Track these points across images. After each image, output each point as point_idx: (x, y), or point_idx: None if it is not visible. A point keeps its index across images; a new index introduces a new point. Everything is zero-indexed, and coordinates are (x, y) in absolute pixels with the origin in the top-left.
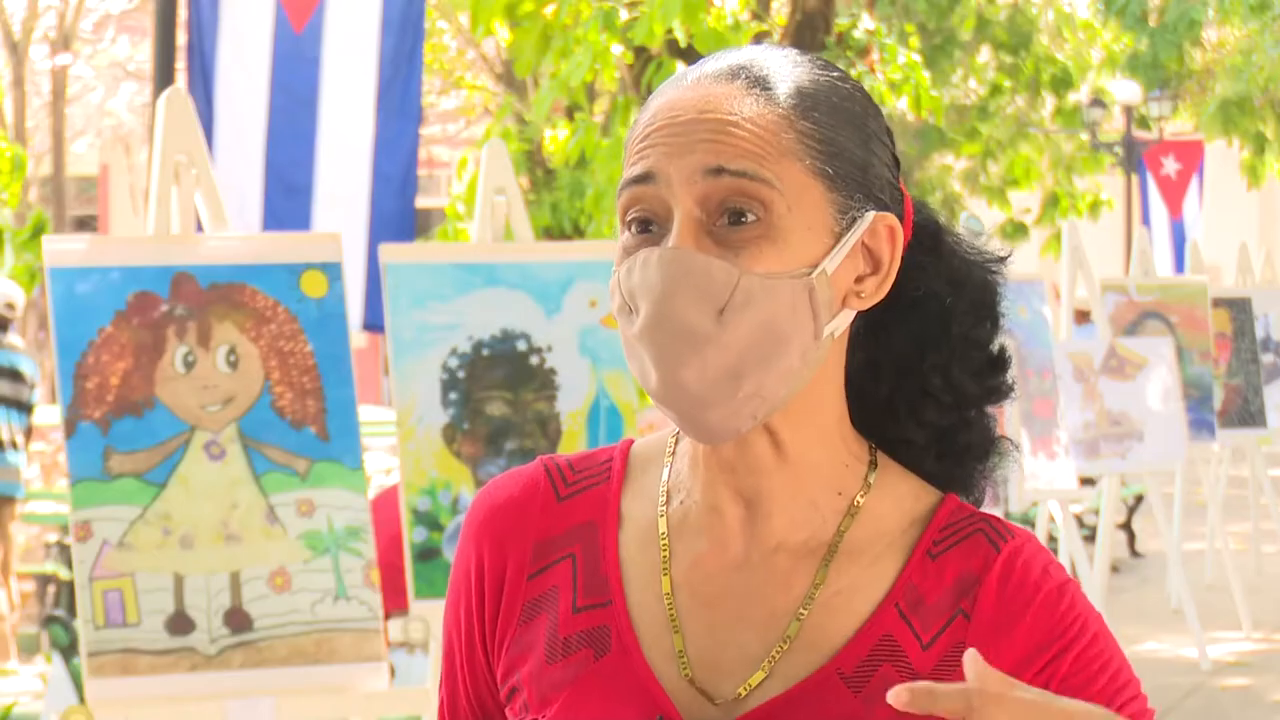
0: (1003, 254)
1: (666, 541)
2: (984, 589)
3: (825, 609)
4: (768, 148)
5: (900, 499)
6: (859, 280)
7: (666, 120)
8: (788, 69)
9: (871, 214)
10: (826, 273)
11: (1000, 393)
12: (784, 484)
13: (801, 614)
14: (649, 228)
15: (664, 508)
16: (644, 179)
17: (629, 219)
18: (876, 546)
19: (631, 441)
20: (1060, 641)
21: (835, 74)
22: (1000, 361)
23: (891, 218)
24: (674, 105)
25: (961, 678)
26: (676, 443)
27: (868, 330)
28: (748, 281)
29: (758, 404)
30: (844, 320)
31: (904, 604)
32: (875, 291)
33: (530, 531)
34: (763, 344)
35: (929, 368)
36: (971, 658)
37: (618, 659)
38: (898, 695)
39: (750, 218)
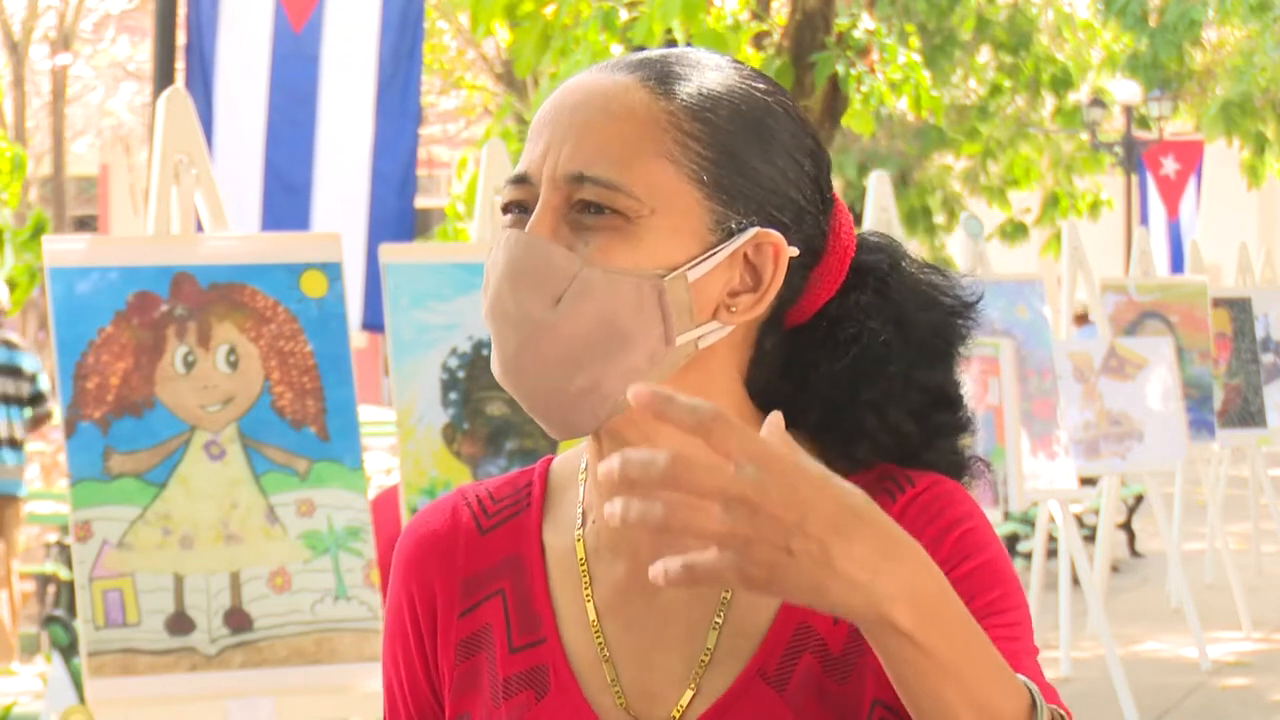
0: (970, 298)
1: (586, 566)
2: None
3: (739, 612)
4: (637, 149)
5: None
6: (733, 294)
7: (549, 112)
8: (701, 71)
9: (752, 230)
10: (687, 279)
11: (946, 431)
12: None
13: (717, 622)
14: (523, 210)
15: (580, 530)
16: (521, 180)
17: (506, 206)
18: None
19: (551, 460)
20: (942, 568)
21: (762, 87)
22: (947, 399)
23: (777, 237)
24: (563, 95)
25: (869, 650)
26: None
27: (796, 362)
28: (589, 273)
29: (597, 400)
30: (713, 332)
31: None
32: (750, 308)
33: (457, 568)
34: (601, 340)
35: (862, 406)
36: (773, 418)
37: (557, 699)
38: (637, 393)
39: (608, 211)
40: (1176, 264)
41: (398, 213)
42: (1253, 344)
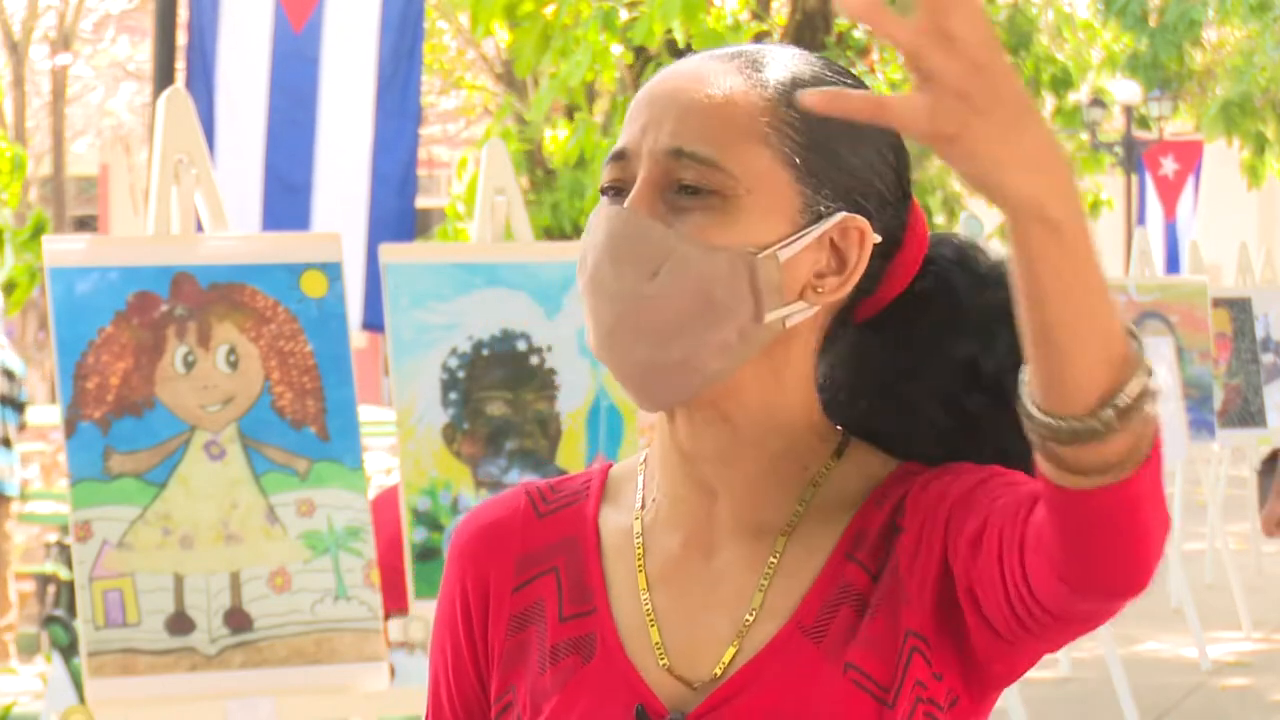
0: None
1: (641, 540)
2: (910, 497)
3: (785, 575)
4: (735, 130)
5: (864, 466)
6: (820, 276)
7: (648, 94)
8: (794, 62)
9: (840, 215)
10: (778, 258)
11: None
12: (745, 470)
13: (763, 584)
14: (620, 193)
15: (640, 511)
16: (619, 156)
17: (605, 188)
18: (836, 510)
19: (610, 465)
20: (966, 482)
21: (849, 81)
22: (999, 385)
23: (862, 221)
24: (662, 78)
25: (897, 579)
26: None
27: (856, 351)
28: (685, 248)
29: (689, 373)
30: (800, 312)
31: (853, 549)
32: (836, 290)
33: (513, 547)
34: (695, 314)
35: (922, 391)
36: None
37: (602, 662)
38: (807, 96)
39: (704, 191)
40: (1173, 264)
41: (398, 213)
42: (1253, 344)
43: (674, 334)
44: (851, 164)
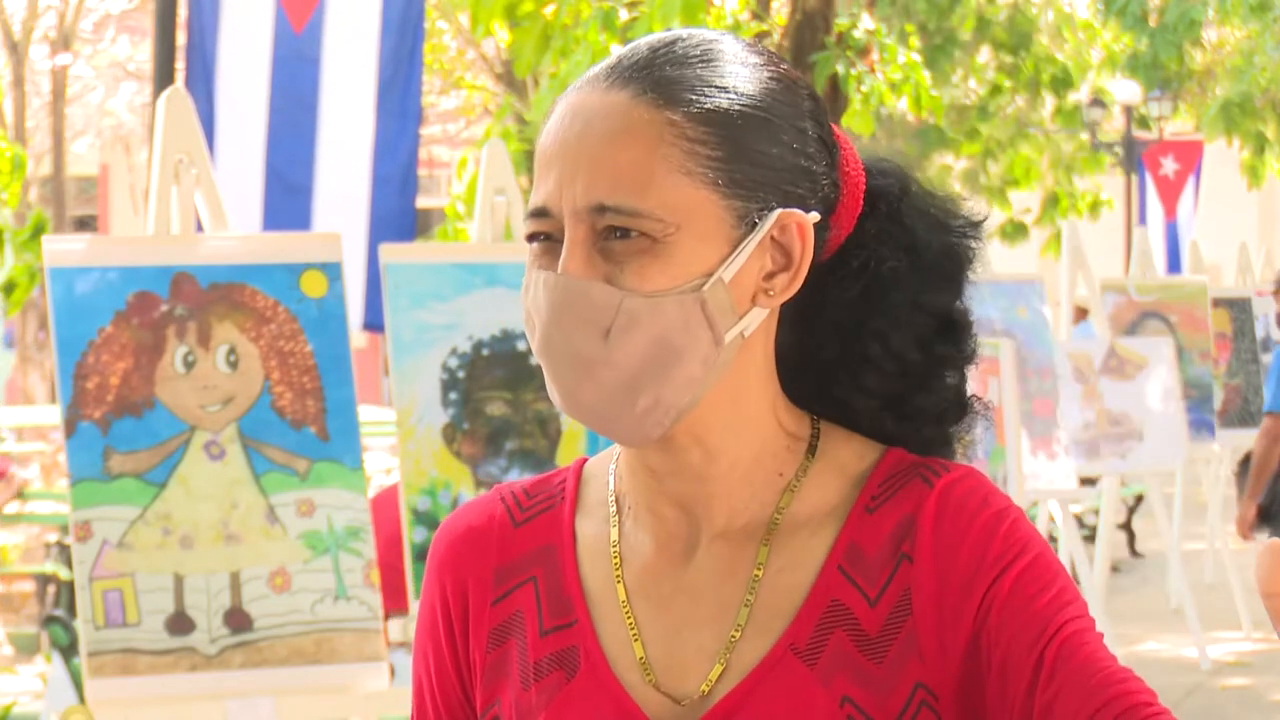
0: (978, 217)
1: (617, 549)
2: (920, 527)
3: (771, 589)
4: (650, 170)
5: (843, 465)
6: (768, 277)
7: (555, 144)
8: (694, 68)
9: (774, 214)
10: (723, 281)
11: (952, 360)
12: (719, 483)
13: (749, 599)
14: (549, 238)
15: (614, 517)
16: (541, 214)
17: (531, 236)
18: (818, 516)
19: (585, 460)
20: (1001, 562)
21: (754, 60)
22: (953, 328)
23: (799, 215)
24: (566, 122)
25: (912, 628)
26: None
27: (808, 296)
28: (631, 303)
29: (661, 413)
30: (755, 318)
31: (846, 564)
32: (787, 287)
33: (490, 558)
34: (656, 360)
35: (868, 334)
36: None
37: (587, 677)
38: None
39: (634, 234)
40: (1173, 264)
41: (398, 213)
42: (1253, 344)
43: (639, 385)
44: (773, 157)
